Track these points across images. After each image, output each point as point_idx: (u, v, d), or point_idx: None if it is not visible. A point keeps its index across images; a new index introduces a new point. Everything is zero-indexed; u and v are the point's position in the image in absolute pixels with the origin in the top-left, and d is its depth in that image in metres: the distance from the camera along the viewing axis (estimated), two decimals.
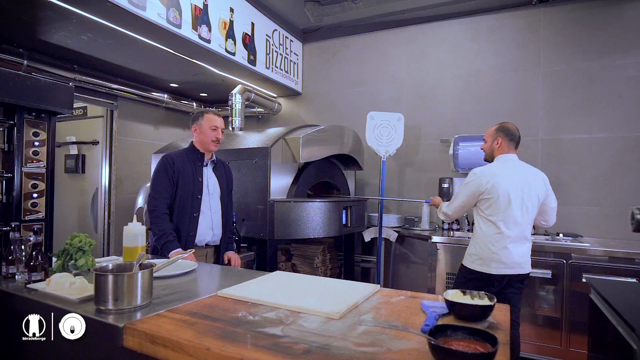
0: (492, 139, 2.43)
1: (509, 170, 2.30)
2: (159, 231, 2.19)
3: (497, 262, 2.24)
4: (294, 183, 3.17)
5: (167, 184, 2.28)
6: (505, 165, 2.34)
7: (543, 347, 2.91)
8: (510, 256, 2.24)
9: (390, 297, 1.42)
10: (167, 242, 2.16)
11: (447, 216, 2.51)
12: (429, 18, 4.12)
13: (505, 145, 2.39)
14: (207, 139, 2.38)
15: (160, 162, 2.33)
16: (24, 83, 2.60)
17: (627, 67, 3.35)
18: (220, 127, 2.42)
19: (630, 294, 1.73)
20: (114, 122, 4.18)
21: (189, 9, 3.00)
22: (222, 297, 1.37)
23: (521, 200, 2.26)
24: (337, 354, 0.92)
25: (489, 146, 2.45)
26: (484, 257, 2.27)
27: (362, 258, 4.30)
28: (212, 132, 2.38)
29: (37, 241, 1.50)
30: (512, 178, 2.27)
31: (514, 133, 2.39)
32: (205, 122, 2.38)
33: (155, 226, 2.22)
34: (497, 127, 2.44)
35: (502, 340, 0.95)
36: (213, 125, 2.38)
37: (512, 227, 2.25)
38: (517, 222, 2.25)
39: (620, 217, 3.29)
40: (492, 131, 2.45)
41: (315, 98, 4.74)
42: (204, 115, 2.41)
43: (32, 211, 2.70)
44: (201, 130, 2.38)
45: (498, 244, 2.24)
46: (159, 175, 2.29)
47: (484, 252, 2.27)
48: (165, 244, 2.16)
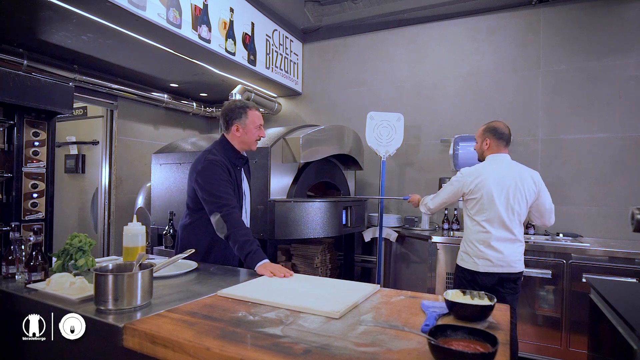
0: (481, 139, 2.45)
1: (496, 170, 2.31)
2: (243, 236, 1.84)
3: (484, 260, 2.27)
4: (294, 183, 3.17)
5: (230, 187, 1.98)
6: (492, 165, 2.35)
7: (543, 347, 2.91)
8: (496, 254, 2.26)
9: (390, 297, 1.42)
10: (253, 251, 1.80)
11: (429, 209, 2.59)
12: (429, 18, 4.12)
13: (494, 144, 2.39)
14: (252, 139, 2.12)
15: (214, 165, 1.98)
16: (24, 83, 2.60)
17: (627, 67, 3.35)
18: (262, 123, 2.18)
19: (630, 294, 1.73)
20: (114, 122, 4.18)
21: (189, 9, 3.00)
22: (222, 297, 1.37)
23: (506, 199, 2.27)
24: (337, 354, 0.92)
25: (479, 147, 2.48)
26: (472, 255, 2.32)
27: (362, 258, 4.29)
28: (257, 131, 2.13)
29: (37, 241, 1.50)
30: (498, 178, 2.28)
31: (503, 132, 2.38)
32: (250, 120, 2.10)
33: (238, 230, 1.86)
34: (484, 127, 2.45)
35: (502, 340, 0.95)
36: (259, 123, 2.14)
37: (497, 226, 2.27)
38: (503, 221, 2.26)
39: (620, 217, 3.28)
40: (480, 132, 2.46)
41: (315, 98, 4.74)
42: (247, 112, 2.10)
43: (32, 211, 2.70)
44: (246, 129, 2.09)
45: (484, 242, 2.28)
46: (218, 178, 1.95)
47: (472, 250, 2.32)
48: (251, 253, 1.80)
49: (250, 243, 1.82)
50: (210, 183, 1.95)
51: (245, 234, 1.86)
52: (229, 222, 1.86)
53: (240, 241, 1.83)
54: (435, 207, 2.54)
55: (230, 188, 1.99)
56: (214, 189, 1.93)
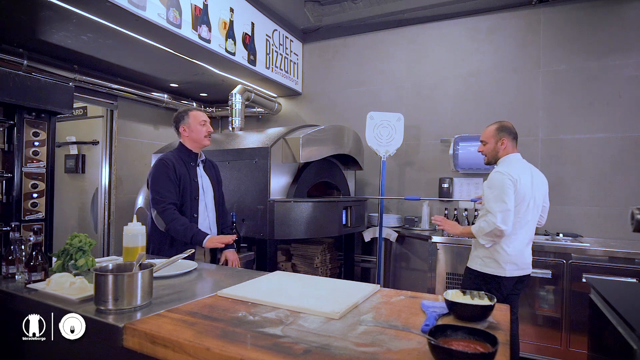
0: (494, 139, 2.31)
1: (524, 172, 2.23)
2: (181, 225, 2.12)
3: (512, 265, 2.18)
4: (294, 183, 3.17)
5: (171, 185, 2.22)
6: (519, 166, 2.25)
7: (543, 347, 2.91)
8: (522, 257, 2.22)
9: (390, 297, 1.41)
10: (195, 233, 2.11)
11: (503, 233, 2.11)
12: (429, 18, 4.12)
13: (510, 144, 2.30)
14: (200, 135, 2.34)
15: (160, 165, 2.25)
16: (24, 83, 2.60)
17: (627, 67, 3.35)
18: (208, 120, 2.38)
19: (630, 294, 1.73)
20: (114, 122, 4.18)
21: (189, 9, 3.00)
22: (222, 297, 1.37)
23: (534, 201, 2.23)
24: (337, 354, 0.92)
25: (493, 147, 2.32)
26: (498, 260, 2.18)
27: (362, 258, 4.29)
28: (202, 127, 2.34)
29: (37, 241, 1.49)
30: (529, 180, 2.22)
31: (514, 131, 2.33)
32: (192, 120, 2.34)
33: (174, 223, 2.13)
34: (497, 126, 2.33)
35: (502, 340, 0.95)
36: (202, 120, 2.35)
37: (528, 230, 2.23)
38: (529, 223, 2.24)
39: (620, 217, 3.28)
40: (493, 131, 2.32)
41: (315, 98, 4.74)
42: (188, 113, 2.36)
43: (32, 211, 2.70)
44: (191, 128, 2.34)
45: (515, 247, 2.18)
46: (161, 177, 2.22)
47: (501, 255, 2.18)
48: (194, 235, 2.11)
49: (190, 228, 2.12)
50: (154, 183, 2.22)
51: (182, 223, 2.13)
52: (164, 218, 2.14)
53: (180, 230, 2.11)
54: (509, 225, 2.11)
55: (173, 185, 2.22)
56: (155, 188, 2.21)
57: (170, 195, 2.20)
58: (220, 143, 3.34)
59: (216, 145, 3.30)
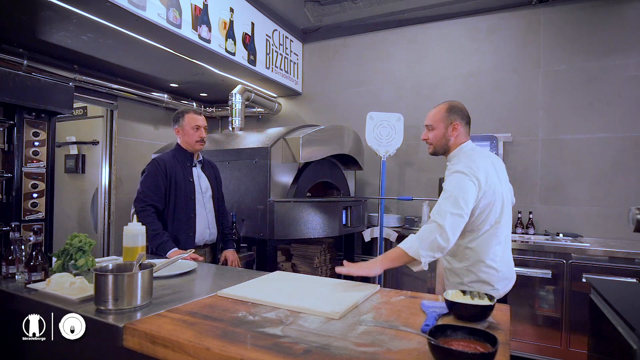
0: (444, 123, 1.78)
1: (489, 163, 1.75)
2: (152, 231, 2.11)
3: (504, 281, 1.73)
4: (294, 183, 3.17)
5: (156, 185, 2.22)
6: (482, 156, 1.76)
7: (543, 347, 2.91)
8: (509, 267, 1.78)
9: (390, 297, 1.42)
10: (162, 242, 2.12)
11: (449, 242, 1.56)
12: (429, 18, 4.11)
13: (463, 130, 1.80)
14: (191, 139, 2.33)
15: (151, 165, 2.28)
16: (24, 83, 2.61)
17: (627, 67, 3.35)
18: (202, 125, 2.35)
19: (630, 294, 1.73)
20: (113, 122, 4.18)
21: (189, 9, 3.00)
22: (222, 297, 1.37)
23: (506, 197, 1.76)
24: (337, 354, 0.92)
25: (442, 134, 1.80)
26: (488, 281, 1.69)
27: (362, 258, 4.29)
28: (195, 132, 2.32)
29: (37, 241, 1.50)
30: (493, 174, 1.72)
31: (467, 114, 1.83)
32: (186, 123, 2.32)
33: (146, 226, 2.12)
34: (447, 106, 1.80)
35: (502, 340, 0.95)
36: (195, 125, 2.32)
37: (506, 232, 1.77)
38: (508, 224, 1.79)
39: (620, 217, 3.28)
40: (442, 113, 1.80)
41: (315, 98, 4.74)
42: (184, 115, 2.34)
43: (32, 211, 2.70)
44: (184, 131, 2.33)
45: (499, 258, 1.71)
46: (149, 177, 2.24)
47: (487, 275, 1.70)
48: (161, 245, 2.11)
49: (159, 236, 2.12)
50: (142, 181, 2.26)
51: (154, 229, 2.13)
52: (140, 218, 2.07)
53: (149, 235, 2.03)
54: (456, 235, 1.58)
55: (159, 187, 2.22)
56: (141, 186, 2.24)
57: (153, 196, 2.21)
58: (220, 143, 3.35)
59: (216, 145, 3.30)
